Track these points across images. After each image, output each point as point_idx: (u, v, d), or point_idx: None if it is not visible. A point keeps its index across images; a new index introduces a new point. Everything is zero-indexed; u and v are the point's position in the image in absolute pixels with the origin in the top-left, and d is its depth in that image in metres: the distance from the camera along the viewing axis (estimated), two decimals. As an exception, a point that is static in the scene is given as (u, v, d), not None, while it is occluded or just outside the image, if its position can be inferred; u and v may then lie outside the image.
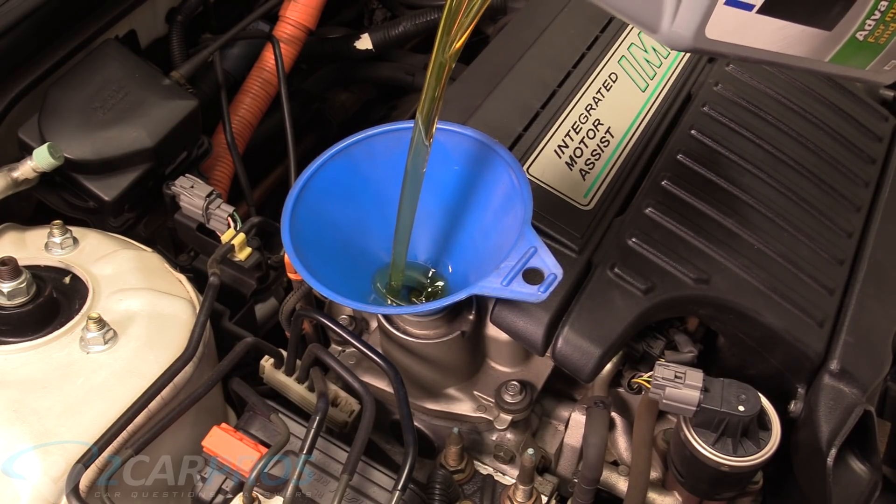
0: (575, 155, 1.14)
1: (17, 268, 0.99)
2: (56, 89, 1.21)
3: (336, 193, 1.01)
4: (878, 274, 1.13)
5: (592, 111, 1.19)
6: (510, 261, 0.87)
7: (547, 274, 0.86)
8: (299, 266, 0.91)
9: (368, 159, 1.02)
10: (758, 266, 1.07)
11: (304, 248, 0.95)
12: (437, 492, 0.98)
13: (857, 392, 1.01)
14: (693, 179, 1.14)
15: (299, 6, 1.54)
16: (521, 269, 0.87)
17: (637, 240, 1.06)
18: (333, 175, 1.00)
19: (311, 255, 0.95)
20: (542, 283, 0.86)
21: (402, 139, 1.00)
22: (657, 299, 1.02)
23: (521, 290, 0.85)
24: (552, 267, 0.86)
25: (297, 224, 0.96)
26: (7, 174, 1.13)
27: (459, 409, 1.07)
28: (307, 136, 1.71)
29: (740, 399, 0.90)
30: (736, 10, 0.76)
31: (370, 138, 1.02)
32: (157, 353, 1.01)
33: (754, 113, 1.24)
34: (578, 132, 1.16)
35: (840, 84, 1.36)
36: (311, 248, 0.95)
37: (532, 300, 0.85)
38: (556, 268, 0.86)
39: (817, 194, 1.18)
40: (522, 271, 0.86)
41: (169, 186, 1.23)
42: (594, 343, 0.98)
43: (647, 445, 1.00)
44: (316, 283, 0.90)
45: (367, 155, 1.02)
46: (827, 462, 0.95)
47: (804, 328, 1.05)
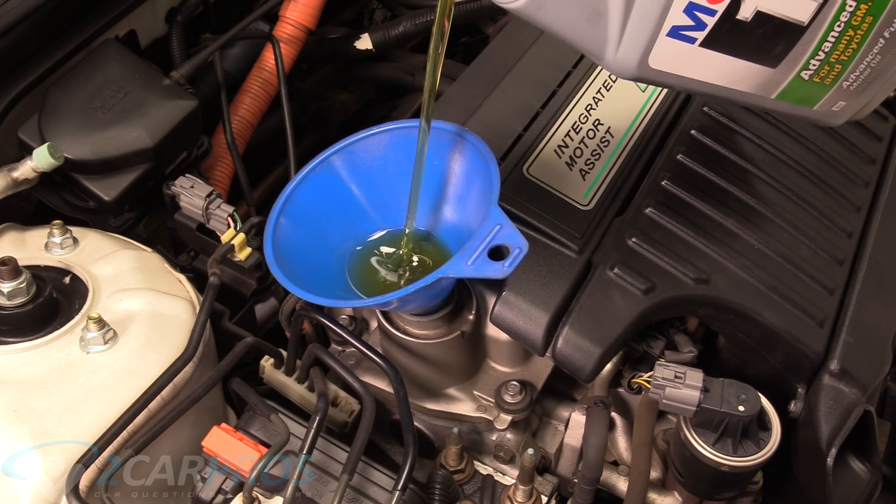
0: (575, 155, 1.14)
1: (17, 268, 0.99)
2: (56, 89, 1.21)
3: (321, 203, 1.01)
4: (878, 274, 1.13)
5: (592, 111, 1.19)
6: (476, 240, 0.86)
7: (512, 248, 0.85)
8: (277, 271, 0.92)
9: (350, 166, 1.02)
10: (758, 266, 1.07)
11: (289, 256, 0.95)
12: (437, 492, 0.98)
13: (857, 392, 1.01)
14: (693, 179, 1.14)
15: (299, 6, 1.54)
16: (486, 248, 0.85)
17: (637, 240, 1.06)
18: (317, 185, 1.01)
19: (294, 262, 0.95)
20: (507, 259, 0.84)
21: (383, 142, 1.02)
22: (657, 299, 1.01)
23: (488, 267, 0.85)
24: (518, 242, 0.85)
25: (282, 235, 0.97)
26: (7, 174, 1.13)
27: (459, 409, 1.07)
28: (307, 136, 1.71)
29: (740, 399, 0.90)
30: (679, 42, 0.77)
31: (351, 145, 1.03)
32: (157, 354, 1.01)
33: (754, 113, 1.24)
34: (578, 132, 1.16)
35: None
36: (296, 256, 0.96)
37: (498, 276, 0.84)
38: (521, 242, 0.85)
39: (817, 194, 1.18)
40: (488, 249, 0.85)
41: (169, 186, 1.23)
42: (594, 343, 0.98)
43: (647, 445, 1.00)
44: (290, 285, 0.91)
45: (349, 162, 1.02)
46: (827, 462, 0.95)
47: (804, 328, 1.05)
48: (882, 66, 0.83)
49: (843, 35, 0.79)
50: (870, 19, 0.78)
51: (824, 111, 0.88)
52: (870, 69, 0.83)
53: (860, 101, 0.88)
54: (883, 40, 0.80)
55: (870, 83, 0.85)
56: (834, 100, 0.86)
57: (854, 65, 0.82)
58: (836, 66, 0.81)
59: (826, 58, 0.80)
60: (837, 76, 0.83)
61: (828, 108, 0.87)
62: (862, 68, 0.82)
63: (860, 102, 0.89)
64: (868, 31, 0.79)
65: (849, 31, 0.78)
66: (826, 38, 0.78)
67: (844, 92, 0.85)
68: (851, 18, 0.77)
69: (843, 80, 0.83)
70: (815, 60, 0.80)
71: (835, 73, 0.82)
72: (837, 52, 0.80)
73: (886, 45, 0.81)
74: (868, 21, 0.78)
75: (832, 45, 0.79)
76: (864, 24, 0.78)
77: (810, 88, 0.83)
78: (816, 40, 0.78)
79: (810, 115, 0.89)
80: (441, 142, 0.99)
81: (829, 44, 0.79)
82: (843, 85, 0.84)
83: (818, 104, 0.87)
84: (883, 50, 0.81)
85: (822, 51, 0.79)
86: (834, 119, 0.90)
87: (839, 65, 0.81)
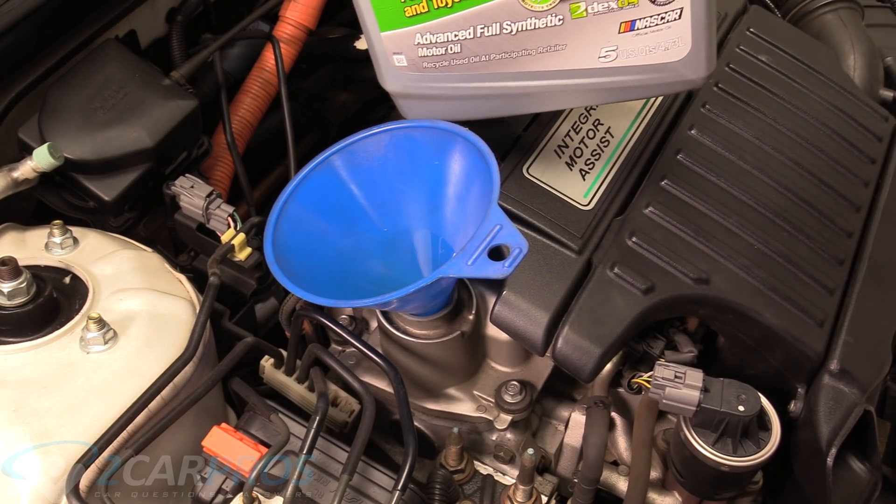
0: (575, 155, 1.14)
1: (17, 268, 0.99)
2: (56, 89, 1.21)
3: (321, 203, 1.01)
4: (878, 274, 1.13)
5: (592, 111, 1.19)
6: (476, 240, 0.86)
7: (512, 248, 0.85)
8: (277, 271, 0.92)
9: (350, 166, 1.02)
10: (758, 266, 1.07)
11: (289, 256, 0.95)
12: (437, 492, 0.98)
13: (857, 392, 1.01)
14: (693, 179, 1.14)
15: (299, 6, 1.53)
16: (486, 248, 0.85)
17: (637, 240, 1.06)
18: (317, 185, 1.01)
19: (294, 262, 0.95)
20: (507, 259, 0.84)
21: (383, 142, 1.02)
22: (657, 299, 1.02)
23: (488, 267, 0.85)
24: (518, 242, 0.85)
25: (282, 235, 0.97)
26: (7, 174, 1.13)
27: (459, 409, 1.07)
28: (307, 136, 1.71)
29: (740, 399, 0.90)
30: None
31: (351, 146, 1.03)
32: (157, 353, 1.01)
33: (754, 113, 1.24)
34: (578, 132, 1.16)
35: (840, 84, 1.36)
36: (296, 256, 0.96)
37: (498, 276, 0.84)
38: (521, 242, 0.85)
39: (817, 194, 1.18)
40: (488, 249, 0.85)
41: (169, 186, 1.23)
42: (594, 343, 0.98)
43: (647, 445, 1.00)
44: (290, 285, 0.91)
45: (349, 162, 1.02)
46: (827, 462, 0.95)
47: (804, 328, 1.05)
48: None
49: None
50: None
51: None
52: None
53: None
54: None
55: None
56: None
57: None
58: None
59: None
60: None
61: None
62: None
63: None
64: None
65: None
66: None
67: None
68: None
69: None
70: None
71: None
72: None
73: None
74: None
75: None
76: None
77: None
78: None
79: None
80: (441, 142, 0.99)
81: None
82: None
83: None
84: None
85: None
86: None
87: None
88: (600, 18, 0.92)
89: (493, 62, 0.98)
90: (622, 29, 0.93)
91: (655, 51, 0.93)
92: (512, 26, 0.95)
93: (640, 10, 0.91)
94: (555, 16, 0.93)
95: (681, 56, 0.93)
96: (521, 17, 0.94)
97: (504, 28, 0.95)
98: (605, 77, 0.96)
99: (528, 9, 0.93)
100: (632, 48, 0.94)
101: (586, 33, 0.94)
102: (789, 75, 1.32)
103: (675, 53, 0.93)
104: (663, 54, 0.93)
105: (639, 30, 0.92)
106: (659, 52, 0.93)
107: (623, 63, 0.95)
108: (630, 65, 0.95)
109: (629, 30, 0.93)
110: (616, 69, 0.95)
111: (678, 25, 0.91)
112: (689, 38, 0.92)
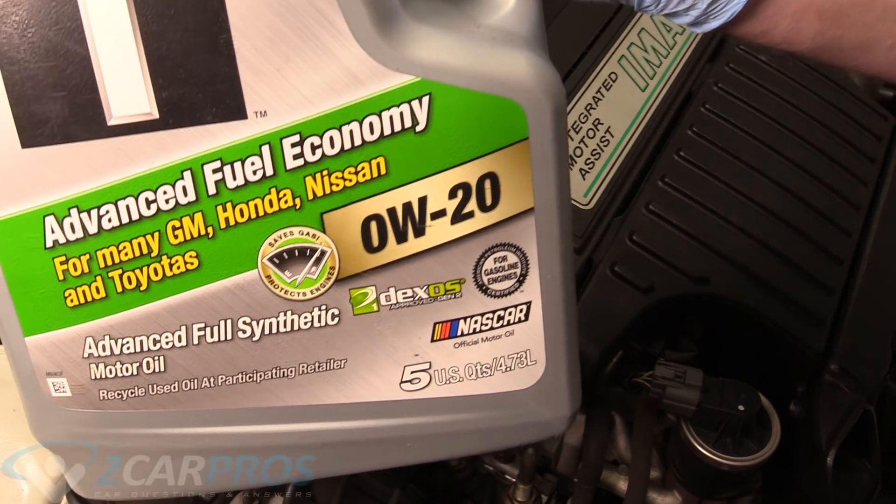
0: (574, 154, 1.14)
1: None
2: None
3: None
4: (878, 274, 1.13)
5: (592, 111, 1.19)
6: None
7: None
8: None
9: None
10: (758, 266, 1.07)
11: None
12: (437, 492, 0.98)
13: (857, 392, 1.01)
14: (693, 179, 1.14)
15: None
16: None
17: (637, 239, 1.06)
18: None
19: None
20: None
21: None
22: (657, 299, 1.01)
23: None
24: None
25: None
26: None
27: (459, 408, 1.07)
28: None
29: (740, 399, 0.90)
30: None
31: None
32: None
33: (754, 112, 1.24)
34: (578, 132, 1.16)
35: (840, 84, 1.36)
36: None
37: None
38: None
39: (817, 194, 1.18)
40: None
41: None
42: (594, 342, 0.98)
43: (646, 445, 1.00)
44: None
45: None
46: (827, 462, 0.95)
47: (804, 328, 1.05)
48: None
49: None
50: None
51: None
52: None
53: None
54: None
55: None
56: None
57: None
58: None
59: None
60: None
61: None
62: None
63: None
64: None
65: None
66: None
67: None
68: None
69: None
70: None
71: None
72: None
73: None
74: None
75: None
76: None
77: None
78: None
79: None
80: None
81: None
82: None
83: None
84: None
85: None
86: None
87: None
88: (401, 316, 0.56)
89: (222, 390, 0.60)
90: (437, 334, 0.58)
91: (490, 372, 0.59)
92: (254, 326, 0.57)
93: (464, 304, 0.57)
94: (325, 310, 0.56)
95: (530, 382, 0.60)
96: (269, 309, 0.57)
97: (239, 329, 0.58)
98: (411, 417, 0.61)
99: (281, 296, 0.56)
100: (452, 366, 0.59)
101: (379, 341, 0.58)
102: (789, 75, 1.32)
103: (520, 377, 0.59)
104: (502, 378, 0.59)
105: (463, 335, 0.58)
106: (496, 374, 0.59)
107: (440, 393, 0.59)
108: (451, 395, 0.59)
109: (447, 335, 0.58)
110: (428, 403, 0.60)
111: (524, 331, 0.58)
112: (541, 352, 0.59)
